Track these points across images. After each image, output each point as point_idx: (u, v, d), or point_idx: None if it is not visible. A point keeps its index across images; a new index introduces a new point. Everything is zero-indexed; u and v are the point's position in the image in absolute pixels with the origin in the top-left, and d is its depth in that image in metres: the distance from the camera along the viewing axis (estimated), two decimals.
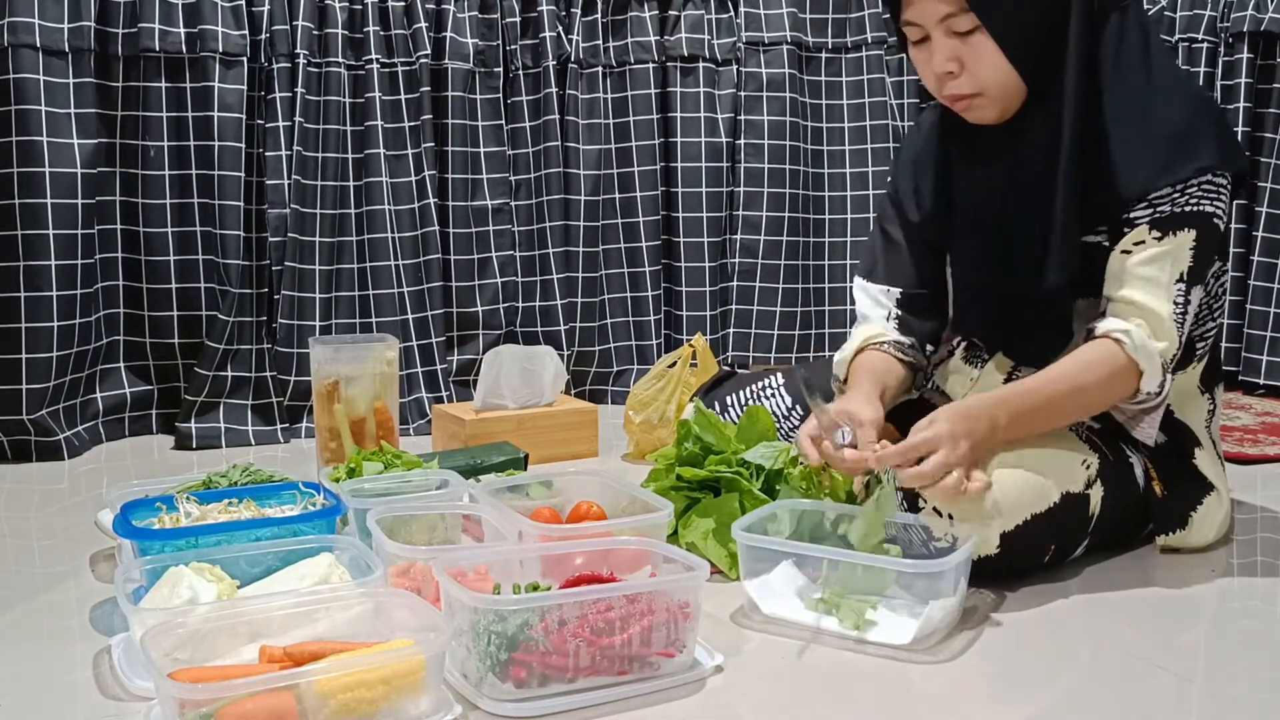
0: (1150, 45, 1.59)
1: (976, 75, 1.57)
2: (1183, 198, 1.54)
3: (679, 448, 1.73)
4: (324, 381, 2.08)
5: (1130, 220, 1.57)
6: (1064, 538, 1.60)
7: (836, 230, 2.97)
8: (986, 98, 1.59)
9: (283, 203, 2.50)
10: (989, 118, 1.62)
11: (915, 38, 1.61)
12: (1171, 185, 1.54)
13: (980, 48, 1.55)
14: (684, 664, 1.31)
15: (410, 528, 1.62)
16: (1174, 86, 1.58)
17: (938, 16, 1.55)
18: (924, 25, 1.57)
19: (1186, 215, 1.54)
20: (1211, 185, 1.54)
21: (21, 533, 1.92)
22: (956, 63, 1.57)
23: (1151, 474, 1.69)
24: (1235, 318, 2.92)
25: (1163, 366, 1.55)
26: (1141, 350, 1.54)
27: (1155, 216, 1.55)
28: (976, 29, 1.54)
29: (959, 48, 1.56)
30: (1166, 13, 3.00)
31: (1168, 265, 1.54)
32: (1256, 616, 1.55)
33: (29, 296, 2.31)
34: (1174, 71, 1.62)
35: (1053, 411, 1.58)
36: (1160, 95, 1.57)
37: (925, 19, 1.56)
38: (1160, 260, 1.55)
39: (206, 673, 1.14)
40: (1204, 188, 1.54)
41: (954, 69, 1.57)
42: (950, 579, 1.40)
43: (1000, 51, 1.55)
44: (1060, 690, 1.31)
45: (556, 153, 2.76)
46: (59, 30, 2.32)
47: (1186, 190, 1.54)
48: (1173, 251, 1.54)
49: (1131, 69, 1.57)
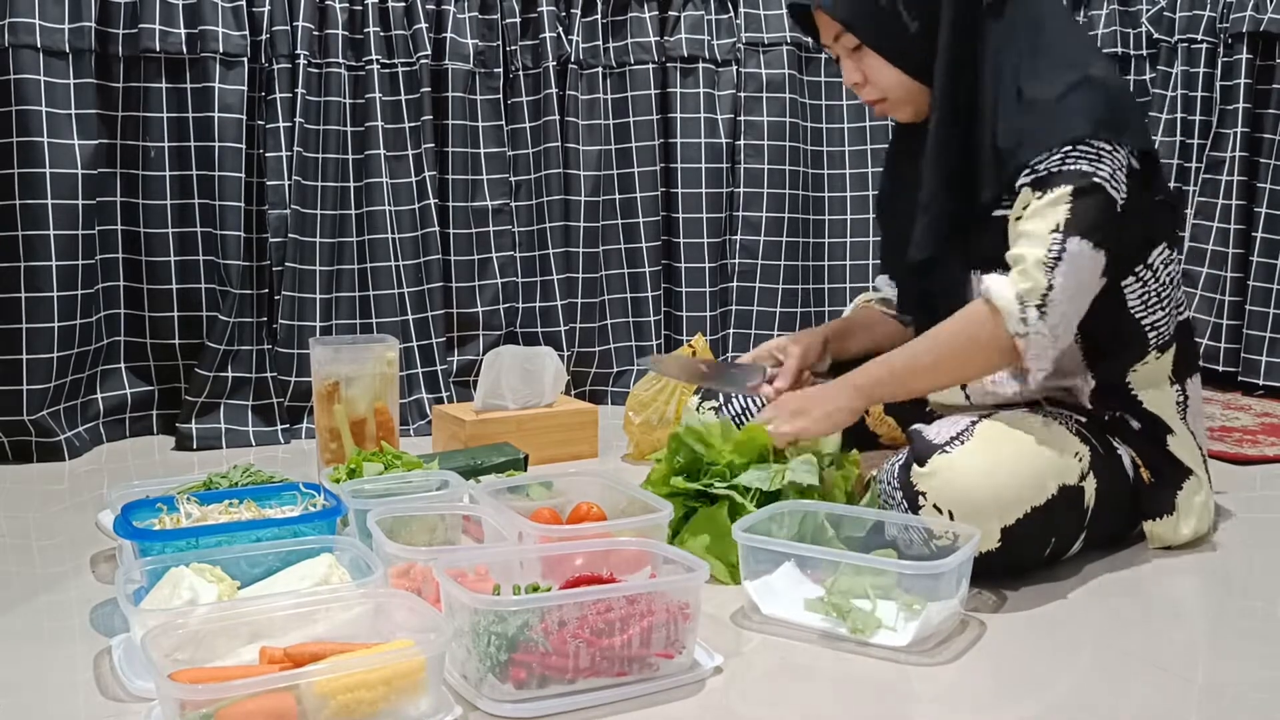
0: (1044, 30, 1.68)
1: (876, 84, 1.74)
2: (1058, 159, 1.60)
3: (669, 464, 1.72)
4: (324, 382, 2.08)
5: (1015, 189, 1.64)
6: (1062, 530, 1.62)
7: (836, 231, 2.97)
8: (892, 101, 1.76)
9: (283, 203, 2.50)
10: (906, 117, 1.78)
11: (832, 56, 1.80)
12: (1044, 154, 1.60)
13: (870, 60, 1.72)
14: (684, 665, 1.31)
15: (410, 529, 1.62)
16: (1057, 67, 1.64)
17: (831, 38, 1.74)
18: (829, 46, 1.77)
19: (1062, 174, 1.59)
20: (1089, 148, 1.59)
21: (22, 533, 1.92)
22: (859, 73, 1.75)
23: (1139, 463, 1.73)
24: (1235, 318, 2.92)
25: (1020, 304, 1.58)
26: (995, 293, 1.60)
27: (1034, 178, 1.61)
28: (860, 45, 1.71)
29: (856, 62, 1.74)
30: (1166, 13, 3.00)
31: (1045, 217, 1.59)
32: (1256, 617, 1.55)
33: (30, 297, 2.31)
34: (1062, 53, 1.67)
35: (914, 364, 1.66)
36: (1041, 76, 1.64)
37: (827, 41, 1.76)
38: (1037, 214, 1.60)
39: (207, 673, 1.14)
40: (1080, 149, 1.59)
41: (858, 79, 1.76)
42: (950, 580, 1.41)
43: (885, 62, 1.71)
44: (1060, 690, 1.31)
45: (557, 153, 2.76)
46: (59, 31, 2.32)
47: (1063, 152, 1.60)
48: (1048, 205, 1.59)
49: (1017, 56, 1.66)
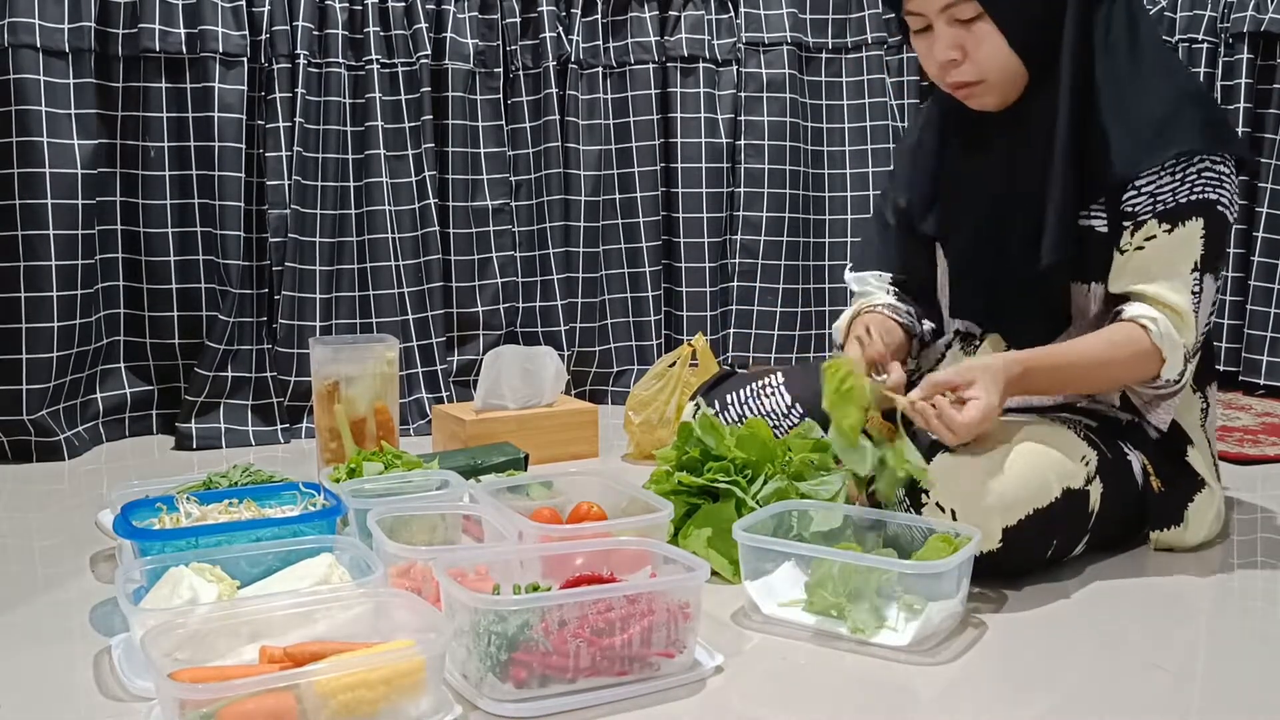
0: (1139, 31, 1.63)
1: (979, 62, 1.62)
2: (1183, 186, 1.57)
3: (679, 451, 1.73)
4: (324, 382, 2.08)
5: (1132, 213, 1.60)
6: (1065, 534, 1.61)
7: (836, 230, 2.97)
8: (988, 84, 1.64)
9: (283, 203, 2.50)
10: (991, 104, 1.67)
11: (917, 27, 1.65)
12: (1153, 170, 1.57)
13: (982, 35, 1.60)
14: (684, 664, 1.31)
15: (410, 528, 1.62)
16: (1158, 73, 1.62)
17: (940, 5, 1.60)
18: (926, 14, 1.62)
19: (1192, 204, 1.56)
20: (1212, 173, 1.57)
21: (22, 533, 1.92)
22: (959, 50, 1.61)
23: (1149, 471, 1.70)
24: (1235, 318, 2.93)
25: (1184, 357, 1.59)
26: (1166, 338, 1.57)
27: (1160, 209, 1.57)
28: (979, 16, 1.59)
29: (961, 35, 1.61)
30: (1166, 13, 3.00)
31: (1181, 257, 1.57)
32: (1256, 616, 1.55)
33: (29, 297, 2.31)
34: (1161, 58, 1.65)
35: (1077, 379, 1.63)
36: (1145, 81, 1.60)
37: (928, 8, 1.61)
38: (1174, 253, 1.57)
39: (206, 673, 1.14)
40: (1205, 175, 1.56)
41: (957, 56, 1.62)
42: (951, 580, 1.40)
43: (1002, 38, 1.60)
44: (1060, 691, 1.31)
45: (557, 153, 2.76)
46: (59, 31, 2.32)
47: (1185, 177, 1.57)
48: (1185, 242, 1.57)
49: (1119, 55, 1.61)
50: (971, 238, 1.74)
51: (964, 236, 1.76)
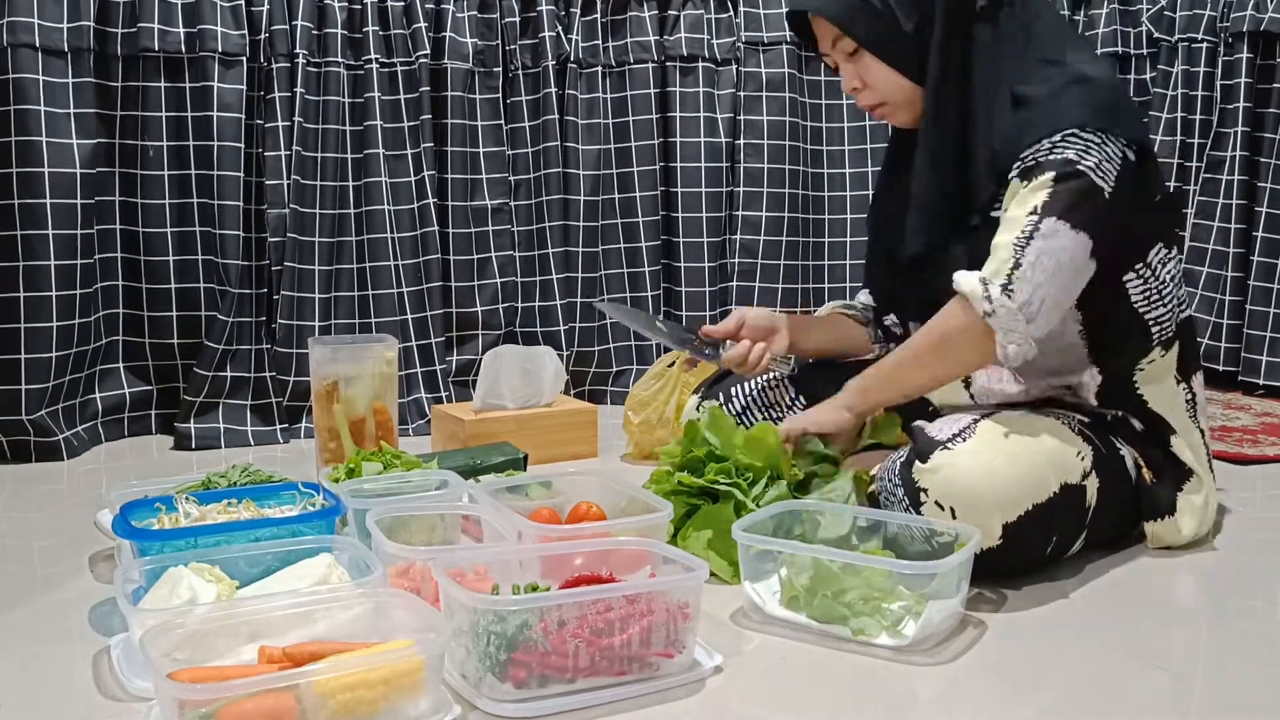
0: (1032, 31, 1.68)
1: (875, 88, 1.74)
2: (1044, 150, 1.61)
3: (684, 449, 1.73)
4: (323, 382, 2.08)
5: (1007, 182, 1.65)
6: (1063, 529, 1.62)
7: (836, 230, 2.97)
8: (891, 105, 1.75)
9: (282, 203, 2.50)
10: (905, 121, 1.77)
11: (831, 65, 1.79)
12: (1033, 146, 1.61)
13: (868, 64, 1.72)
14: (684, 664, 1.31)
15: (409, 528, 1.62)
16: (1049, 65, 1.65)
17: (829, 44, 1.74)
18: (827, 54, 1.76)
19: (1047, 162, 1.60)
20: (1076, 137, 1.60)
21: (21, 533, 1.92)
22: (858, 79, 1.74)
23: (1140, 463, 1.72)
24: (1235, 318, 2.92)
25: (984, 285, 1.58)
26: (961, 281, 1.60)
27: (1021, 169, 1.62)
28: (859, 49, 1.71)
29: (855, 67, 1.74)
30: (1166, 13, 3.00)
31: (1023, 204, 1.60)
32: (1255, 616, 1.55)
33: (28, 297, 2.31)
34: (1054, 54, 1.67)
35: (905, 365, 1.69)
36: (1035, 75, 1.65)
37: (824, 48, 1.76)
38: (1018, 202, 1.61)
39: (206, 673, 1.14)
40: (1066, 138, 1.60)
41: (857, 84, 1.75)
42: (951, 579, 1.40)
43: (884, 65, 1.71)
44: (1059, 691, 1.31)
45: (556, 153, 2.76)
46: (58, 30, 2.32)
47: (1051, 142, 1.60)
48: (1030, 192, 1.60)
49: (1007, 57, 1.67)
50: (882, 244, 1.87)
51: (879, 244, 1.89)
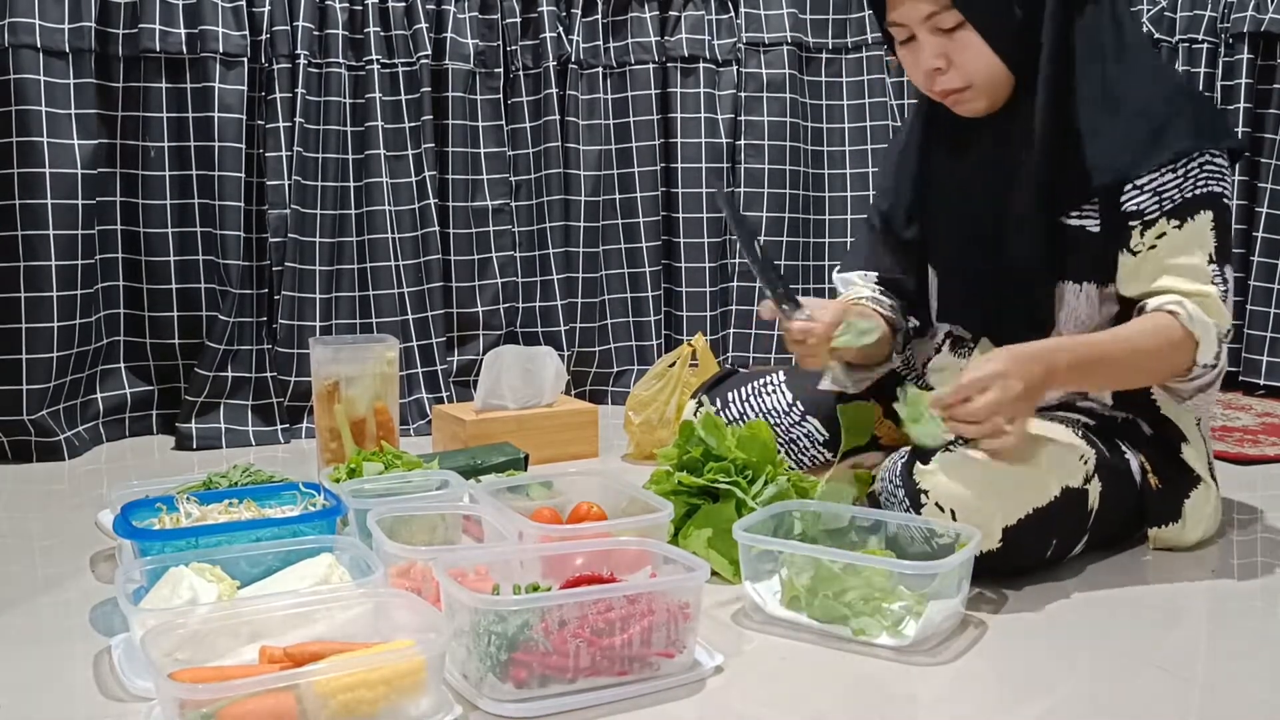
0: (1124, 33, 1.64)
1: (963, 69, 1.63)
2: (1187, 182, 1.58)
3: (681, 450, 1.73)
4: (324, 382, 2.08)
5: (1138, 212, 1.59)
6: (1064, 532, 1.61)
7: (836, 230, 2.97)
8: (975, 90, 1.65)
9: (283, 203, 2.50)
10: (979, 109, 1.68)
11: (902, 38, 1.67)
12: (1155, 170, 1.57)
13: (965, 42, 1.61)
14: (684, 664, 1.31)
15: (410, 528, 1.62)
16: (1148, 72, 1.63)
17: (922, 15, 1.61)
18: (909, 25, 1.64)
19: (1198, 199, 1.57)
20: (1213, 166, 1.58)
21: (22, 533, 1.92)
22: (944, 59, 1.63)
23: (1147, 469, 1.70)
24: (1235, 318, 2.91)
25: (1218, 339, 1.58)
26: (1197, 321, 1.56)
27: (1168, 206, 1.58)
28: (961, 25, 1.60)
29: (945, 44, 1.63)
30: (1166, 13, 3.00)
31: (1196, 250, 1.58)
32: (1256, 616, 1.55)
33: (29, 297, 2.31)
34: (1149, 58, 1.66)
35: (1111, 368, 1.59)
36: (1135, 81, 1.61)
37: (910, 19, 1.63)
38: (1188, 247, 1.58)
39: (206, 673, 1.14)
40: (1205, 168, 1.57)
41: (942, 64, 1.64)
42: (951, 580, 1.40)
43: (985, 44, 1.61)
44: (1060, 691, 1.31)
45: (557, 153, 2.76)
46: (59, 31, 2.32)
47: (1187, 173, 1.57)
48: (1196, 235, 1.58)
49: (1105, 57, 1.63)
50: (956, 242, 1.76)
51: (948, 241, 1.77)
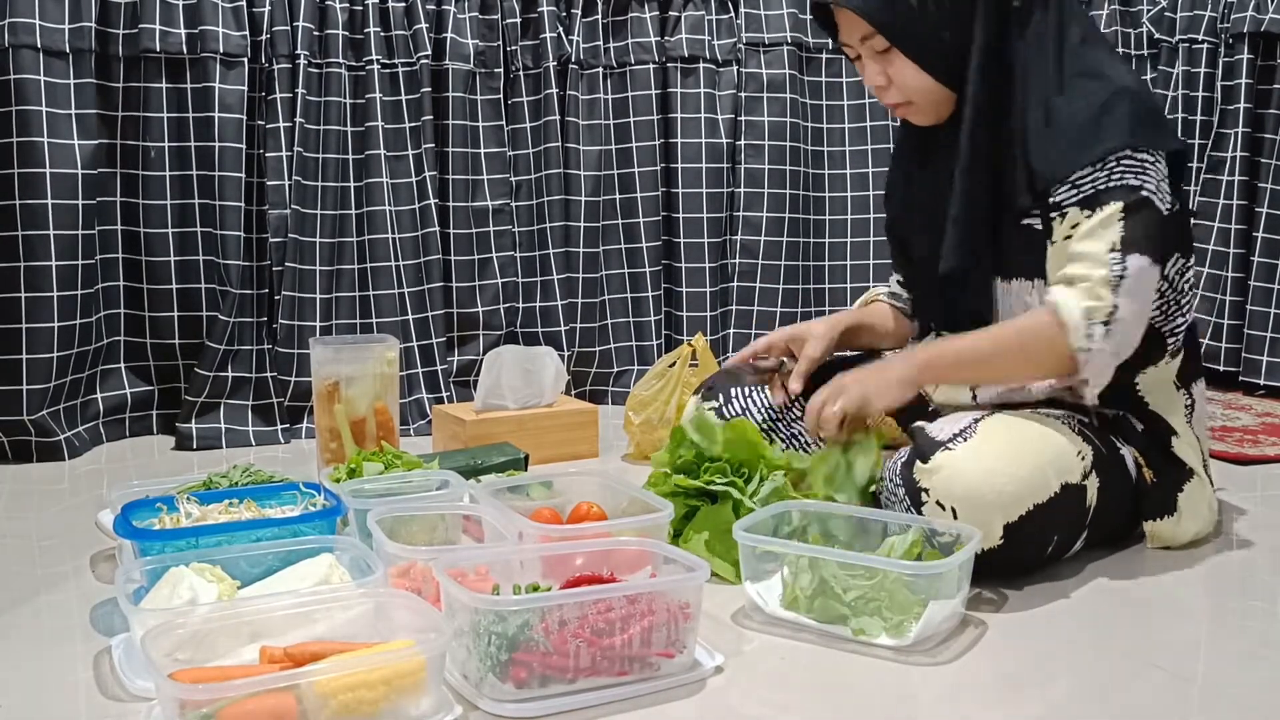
0: (1066, 38, 1.67)
1: (902, 87, 1.71)
2: (1103, 174, 1.60)
3: (673, 454, 1.73)
4: (324, 382, 2.08)
5: (1058, 205, 1.63)
6: (1064, 529, 1.62)
7: (837, 231, 2.97)
8: (916, 105, 1.73)
9: (283, 203, 2.50)
10: (926, 121, 1.76)
11: (851, 56, 1.76)
12: (1084, 168, 1.60)
13: (898, 63, 1.69)
14: (684, 664, 1.31)
15: (410, 528, 1.62)
16: (1087, 75, 1.65)
17: (858, 38, 1.70)
18: (852, 45, 1.73)
19: (1110, 190, 1.60)
20: (1132, 160, 1.60)
21: (22, 533, 1.92)
22: (883, 76, 1.72)
23: (1141, 463, 1.72)
24: (1235, 318, 2.92)
25: (1086, 319, 1.58)
26: (1062, 306, 1.59)
27: (1080, 196, 1.61)
28: (890, 48, 1.68)
29: (883, 64, 1.71)
30: (1166, 13, 3.00)
31: (1099, 237, 1.59)
32: (1256, 616, 1.55)
33: (29, 297, 2.31)
34: (1092, 60, 1.67)
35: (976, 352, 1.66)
36: (1073, 85, 1.64)
37: (851, 41, 1.72)
38: (1091, 234, 1.60)
39: (207, 673, 1.14)
40: (1124, 163, 1.60)
41: (882, 82, 1.73)
42: (951, 579, 1.40)
43: (915, 66, 1.68)
44: (1060, 691, 1.31)
45: (557, 153, 2.76)
46: (59, 31, 2.32)
47: (1106, 167, 1.60)
48: (1101, 223, 1.59)
49: (1044, 64, 1.66)
50: (916, 246, 1.84)
51: (913, 245, 1.86)
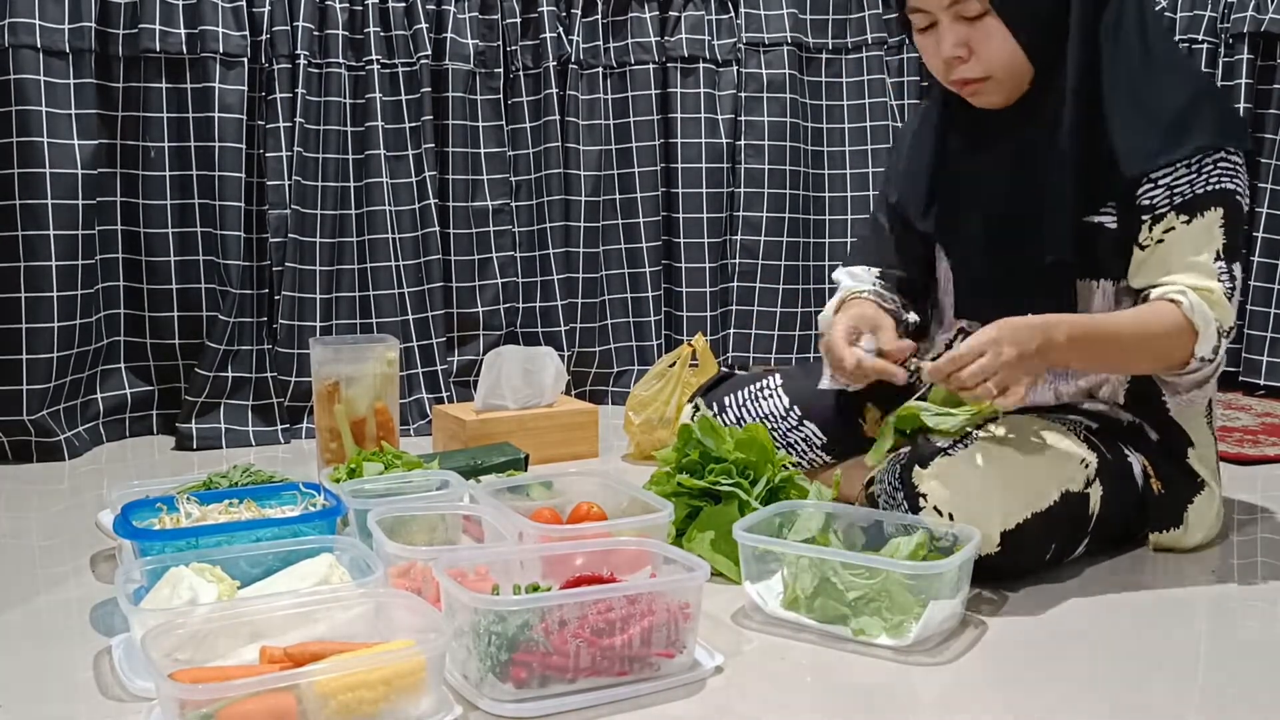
0: (1148, 28, 1.62)
1: (985, 59, 1.61)
2: (1200, 178, 1.56)
3: (679, 453, 1.73)
4: (324, 382, 2.08)
5: (1150, 207, 1.58)
6: (1064, 536, 1.61)
7: (836, 231, 2.97)
8: (995, 81, 1.63)
9: (283, 203, 2.50)
10: (996, 101, 1.66)
11: (922, 24, 1.64)
12: (1174, 165, 1.56)
13: (989, 31, 1.59)
14: (684, 664, 1.31)
15: (410, 528, 1.62)
16: (1171, 67, 1.61)
17: (946, 2, 1.59)
18: (931, 11, 1.61)
19: (1210, 194, 1.56)
20: (1227, 163, 1.57)
21: (22, 533, 1.92)
22: (965, 47, 1.61)
23: (1150, 472, 1.70)
24: (1236, 318, 2.92)
25: (1218, 332, 1.56)
26: (1198, 312, 1.55)
27: (1179, 201, 1.57)
28: (986, 13, 1.58)
29: (967, 32, 1.60)
30: (1166, 13, 3.00)
31: (1204, 245, 1.56)
32: (1256, 617, 1.55)
33: (30, 297, 2.31)
34: (1171, 52, 1.65)
35: (1110, 346, 1.57)
36: (1157, 76, 1.59)
37: (932, 5, 1.61)
38: (1195, 242, 1.56)
39: (207, 673, 1.14)
40: (1220, 165, 1.56)
41: (963, 53, 1.61)
42: (951, 580, 1.40)
43: (1009, 34, 1.59)
44: (1060, 691, 1.31)
45: (557, 153, 2.76)
46: (59, 31, 2.32)
47: (1201, 168, 1.56)
48: (1205, 231, 1.56)
49: (1130, 50, 1.60)
50: (976, 237, 1.72)
51: (967, 236, 1.74)
